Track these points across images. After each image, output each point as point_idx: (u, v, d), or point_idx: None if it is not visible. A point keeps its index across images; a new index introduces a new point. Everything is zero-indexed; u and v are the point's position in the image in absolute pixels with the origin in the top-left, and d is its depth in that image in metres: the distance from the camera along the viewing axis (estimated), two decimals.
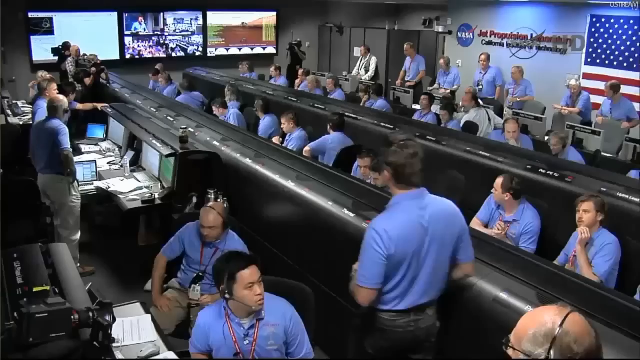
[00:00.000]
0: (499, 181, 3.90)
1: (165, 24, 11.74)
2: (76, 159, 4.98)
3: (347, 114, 6.28)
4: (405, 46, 9.73)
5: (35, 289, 2.15)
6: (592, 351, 1.31)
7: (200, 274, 3.44)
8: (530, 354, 1.33)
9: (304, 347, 2.56)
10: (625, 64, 8.31)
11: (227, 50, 12.45)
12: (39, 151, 4.71)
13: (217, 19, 12.20)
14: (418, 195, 2.44)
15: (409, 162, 2.40)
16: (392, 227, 2.35)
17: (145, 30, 11.53)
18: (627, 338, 2.12)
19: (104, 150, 6.12)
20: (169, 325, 3.26)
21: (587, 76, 8.67)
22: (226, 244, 3.42)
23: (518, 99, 7.85)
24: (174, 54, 11.95)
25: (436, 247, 2.42)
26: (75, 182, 4.70)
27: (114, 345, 2.12)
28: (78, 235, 4.75)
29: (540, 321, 1.35)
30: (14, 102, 8.10)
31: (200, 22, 12.06)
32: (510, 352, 1.38)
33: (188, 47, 12.08)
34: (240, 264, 2.49)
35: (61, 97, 4.88)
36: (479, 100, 7.21)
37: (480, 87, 8.45)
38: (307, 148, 5.73)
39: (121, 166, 5.42)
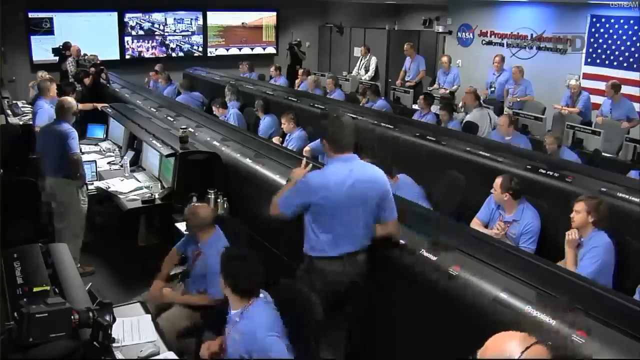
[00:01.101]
0: (498, 181, 3.89)
1: (165, 24, 11.74)
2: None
3: (347, 114, 6.26)
4: (405, 46, 9.72)
5: (35, 289, 2.15)
6: None
7: (187, 271, 3.48)
8: None
9: None
10: (625, 64, 8.31)
11: (227, 50, 12.45)
12: (48, 154, 4.71)
13: (217, 19, 12.21)
14: (347, 159, 2.87)
15: (340, 131, 2.88)
16: (321, 182, 2.83)
17: (145, 29, 11.54)
18: (626, 338, 2.12)
19: (104, 150, 6.12)
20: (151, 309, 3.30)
21: (587, 76, 8.68)
22: (208, 247, 3.38)
23: (518, 99, 7.84)
24: (174, 54, 11.95)
25: (361, 204, 2.84)
26: (84, 185, 4.70)
27: (114, 345, 2.12)
28: (81, 238, 4.76)
29: (500, 348, 1.32)
30: (14, 102, 8.10)
31: (200, 22, 12.07)
32: None
33: (188, 47, 12.09)
34: None
35: (70, 99, 4.86)
36: (481, 102, 7.20)
37: (493, 89, 8.39)
38: (307, 148, 5.72)
39: (121, 166, 5.42)
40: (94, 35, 10.51)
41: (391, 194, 2.93)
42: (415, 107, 7.80)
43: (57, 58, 9.63)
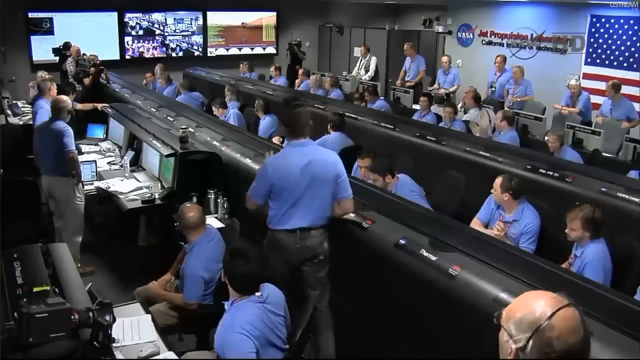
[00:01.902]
0: (498, 181, 3.89)
1: (165, 24, 11.74)
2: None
3: (347, 113, 6.28)
4: (405, 46, 9.71)
5: (35, 289, 2.15)
6: (572, 351, 1.26)
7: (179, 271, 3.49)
8: (511, 337, 1.30)
9: None
10: (625, 64, 8.31)
11: (227, 50, 12.45)
12: (44, 153, 4.70)
13: (217, 19, 12.21)
14: (303, 144, 3.19)
15: (298, 119, 3.17)
16: (277, 164, 3.18)
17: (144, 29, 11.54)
18: (626, 338, 2.12)
19: (104, 150, 6.11)
20: (139, 296, 3.36)
21: (587, 76, 8.67)
22: (191, 249, 3.40)
23: (518, 99, 7.85)
24: (174, 54, 11.95)
25: (314, 183, 3.11)
26: (80, 183, 4.70)
27: (114, 345, 2.12)
28: (81, 237, 4.75)
29: (531, 307, 1.30)
30: (14, 102, 8.09)
31: (200, 22, 12.07)
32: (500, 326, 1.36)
33: (188, 47, 12.09)
34: None
35: (65, 97, 4.86)
36: (480, 102, 7.20)
37: (494, 88, 8.39)
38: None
39: (121, 166, 5.42)
40: (94, 35, 10.51)
41: (345, 174, 3.24)
42: (415, 107, 7.80)
43: (57, 58, 9.64)
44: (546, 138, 5.61)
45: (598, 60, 8.66)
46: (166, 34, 11.80)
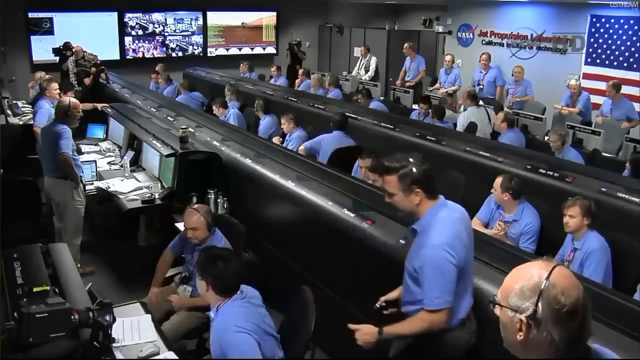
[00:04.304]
0: (498, 181, 3.90)
1: (165, 24, 11.74)
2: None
3: (346, 113, 6.27)
4: (404, 46, 9.71)
5: (35, 289, 2.15)
6: (578, 303, 1.29)
7: (188, 274, 3.45)
8: (518, 309, 1.31)
9: None
10: (625, 64, 8.30)
11: (227, 50, 12.45)
12: (44, 154, 4.73)
13: (217, 19, 12.20)
14: (445, 202, 2.42)
15: (429, 172, 2.37)
16: (452, 240, 2.29)
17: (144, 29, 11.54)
18: (626, 338, 2.12)
19: (104, 150, 6.11)
20: (156, 315, 3.27)
21: (587, 76, 8.67)
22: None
23: (518, 99, 7.85)
24: (174, 54, 11.94)
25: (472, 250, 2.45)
26: (81, 186, 4.69)
27: (114, 345, 2.12)
28: (80, 239, 4.75)
29: (526, 275, 1.33)
30: (14, 102, 8.09)
31: (200, 22, 12.06)
32: (497, 310, 1.37)
33: (188, 47, 12.08)
34: None
35: (66, 99, 4.85)
36: (479, 100, 7.20)
37: (481, 86, 8.43)
38: (302, 147, 5.71)
39: (121, 166, 5.42)
40: (94, 35, 10.49)
41: None
42: (414, 107, 7.80)
43: (57, 58, 9.63)
44: (546, 138, 5.61)
45: (598, 60, 8.66)
46: (166, 34, 11.79)
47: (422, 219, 2.38)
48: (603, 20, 8.54)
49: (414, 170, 2.34)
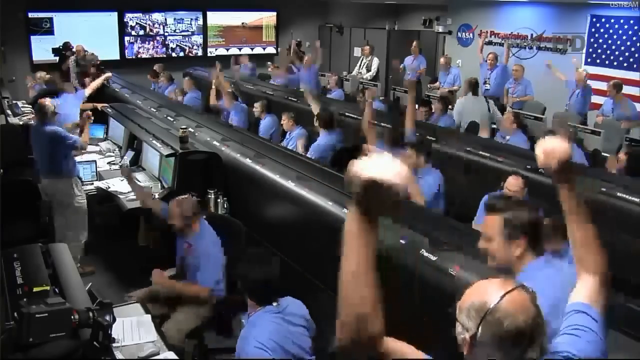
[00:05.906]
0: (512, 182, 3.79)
1: (165, 24, 11.74)
2: (76, 159, 4.98)
3: (347, 113, 6.29)
4: (413, 44, 9.75)
5: (35, 289, 2.15)
6: (526, 328, 1.24)
7: (180, 273, 3.50)
8: (464, 326, 1.30)
9: None
10: (625, 64, 8.31)
11: (227, 50, 12.43)
12: (41, 155, 4.75)
13: (217, 19, 12.19)
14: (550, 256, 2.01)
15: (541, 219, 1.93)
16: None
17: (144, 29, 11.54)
18: (626, 338, 2.12)
19: (104, 150, 6.11)
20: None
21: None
22: (197, 241, 3.43)
23: (518, 99, 7.84)
24: (174, 54, 11.94)
25: None
26: (79, 181, 4.71)
27: (114, 345, 2.12)
28: (85, 236, 4.76)
29: (480, 293, 1.31)
30: (14, 102, 8.09)
31: (200, 22, 12.06)
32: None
33: (188, 47, 12.08)
34: None
35: (46, 100, 4.85)
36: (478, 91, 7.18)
37: (488, 86, 8.37)
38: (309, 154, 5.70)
39: (121, 166, 5.42)
40: (94, 35, 10.48)
41: None
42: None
43: (57, 58, 9.63)
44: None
45: (598, 60, 8.66)
46: (166, 34, 11.78)
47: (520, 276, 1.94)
48: (603, 20, 8.54)
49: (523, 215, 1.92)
